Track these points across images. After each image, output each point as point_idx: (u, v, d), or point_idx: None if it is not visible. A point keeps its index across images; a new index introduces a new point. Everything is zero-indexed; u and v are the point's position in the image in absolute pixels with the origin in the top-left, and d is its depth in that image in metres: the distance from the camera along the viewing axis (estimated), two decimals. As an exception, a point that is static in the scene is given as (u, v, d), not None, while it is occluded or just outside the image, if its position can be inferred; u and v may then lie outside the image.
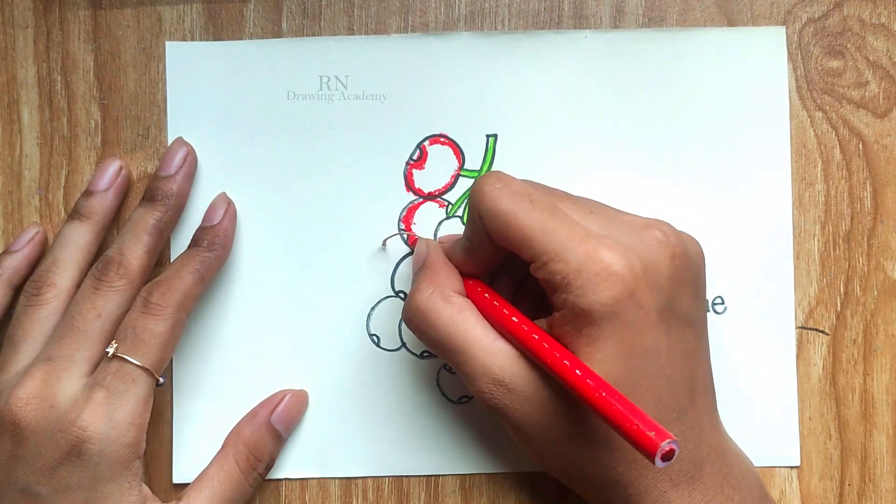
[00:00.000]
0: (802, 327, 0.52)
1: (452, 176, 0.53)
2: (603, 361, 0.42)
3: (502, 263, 0.47)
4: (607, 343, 0.42)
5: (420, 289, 0.46)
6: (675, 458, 0.38)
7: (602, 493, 0.45)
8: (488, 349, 0.44)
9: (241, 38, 0.52)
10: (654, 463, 0.37)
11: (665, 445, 0.37)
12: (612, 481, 0.44)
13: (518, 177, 0.46)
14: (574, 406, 0.43)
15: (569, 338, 0.43)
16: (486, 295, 0.46)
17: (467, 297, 0.47)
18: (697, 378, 0.45)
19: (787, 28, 0.52)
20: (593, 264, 0.41)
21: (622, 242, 0.42)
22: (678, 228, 0.45)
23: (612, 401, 0.39)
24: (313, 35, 0.53)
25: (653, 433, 0.38)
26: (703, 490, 0.44)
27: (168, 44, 0.52)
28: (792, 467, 0.52)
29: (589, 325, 0.42)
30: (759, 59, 0.52)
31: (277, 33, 0.52)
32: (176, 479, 0.52)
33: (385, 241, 0.52)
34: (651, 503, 0.43)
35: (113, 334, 0.47)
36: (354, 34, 0.52)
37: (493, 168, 0.52)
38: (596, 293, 0.41)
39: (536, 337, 0.43)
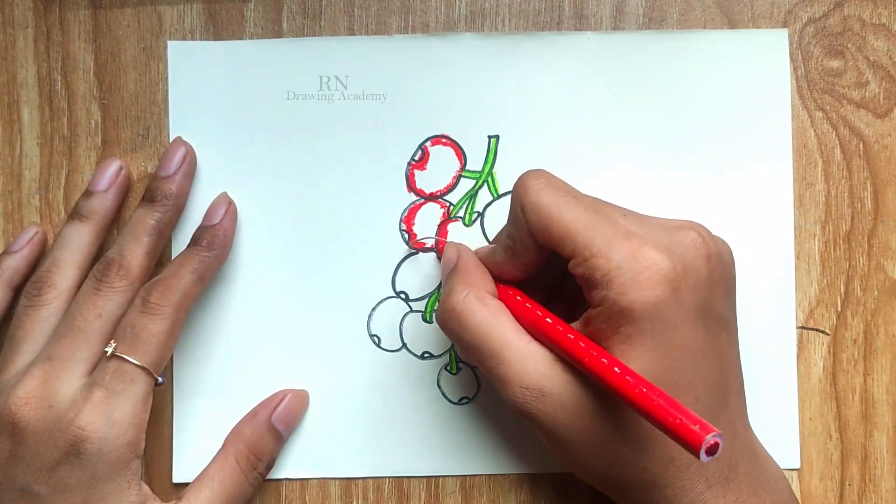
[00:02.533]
0: (803, 327, 0.52)
1: (454, 177, 0.52)
2: (640, 360, 0.41)
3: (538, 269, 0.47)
4: (645, 342, 0.41)
5: (454, 290, 0.46)
6: (719, 452, 0.37)
7: (637, 496, 0.44)
8: (523, 352, 0.44)
9: (241, 38, 0.52)
10: (698, 457, 0.37)
11: (710, 438, 0.37)
12: (647, 483, 0.43)
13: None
14: (609, 408, 0.43)
15: (604, 336, 0.42)
16: (519, 298, 0.46)
17: (500, 300, 0.46)
18: (730, 379, 0.45)
19: (787, 28, 0.52)
20: (636, 262, 0.41)
21: (663, 242, 0.42)
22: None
23: (653, 396, 0.39)
24: (314, 35, 0.53)
25: (697, 427, 0.37)
26: (738, 491, 0.44)
27: (170, 43, 0.52)
28: (792, 469, 0.52)
29: (628, 323, 0.41)
30: (762, 61, 0.52)
31: (278, 33, 0.52)
32: (176, 479, 0.52)
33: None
34: None
35: (113, 334, 0.47)
36: (355, 34, 0.53)
37: (495, 169, 0.52)
38: (638, 291, 0.41)
39: (572, 337, 0.43)
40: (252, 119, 0.52)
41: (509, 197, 0.52)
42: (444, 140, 0.52)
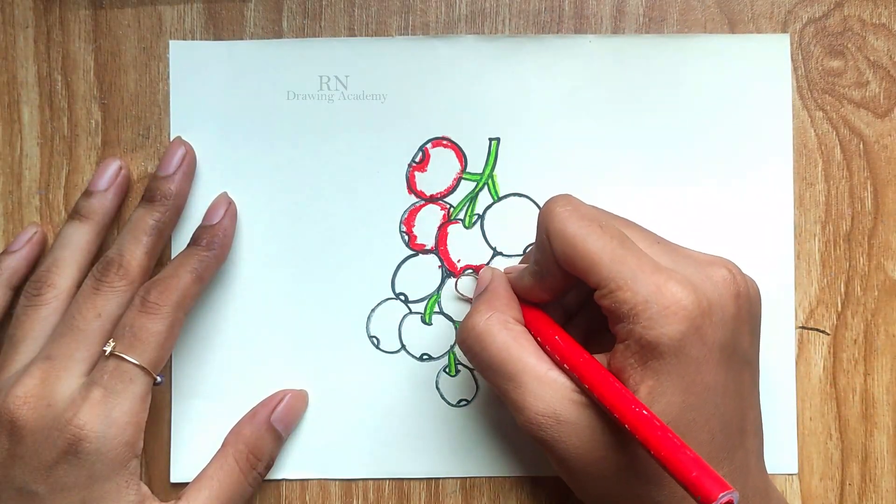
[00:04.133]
0: (803, 327, 0.52)
1: (454, 179, 0.52)
2: (663, 395, 0.41)
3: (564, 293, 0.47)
4: (670, 378, 0.41)
5: (479, 310, 0.46)
6: None
7: None
8: (542, 379, 0.44)
9: (241, 38, 0.52)
10: None
11: (724, 496, 0.36)
12: None
13: (519, 180, 0.46)
14: (625, 442, 0.42)
15: (631, 370, 0.42)
16: (544, 325, 0.46)
17: (525, 327, 0.46)
18: (748, 419, 0.44)
19: (787, 28, 0.52)
20: (662, 297, 0.41)
21: (690, 278, 0.42)
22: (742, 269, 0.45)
23: (672, 444, 0.38)
24: (314, 35, 0.53)
25: (712, 483, 0.37)
26: None
27: (172, 43, 0.52)
28: (790, 474, 0.52)
29: (654, 358, 0.41)
30: (763, 65, 0.52)
31: (278, 33, 0.53)
32: (174, 479, 0.52)
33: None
34: None
35: (112, 334, 0.47)
36: (355, 34, 0.53)
37: (495, 172, 0.52)
38: (664, 326, 0.41)
39: (596, 371, 0.42)
40: (252, 119, 0.52)
41: (510, 199, 0.52)
42: (444, 142, 0.52)
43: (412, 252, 0.52)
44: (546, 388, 0.43)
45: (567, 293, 0.47)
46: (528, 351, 0.44)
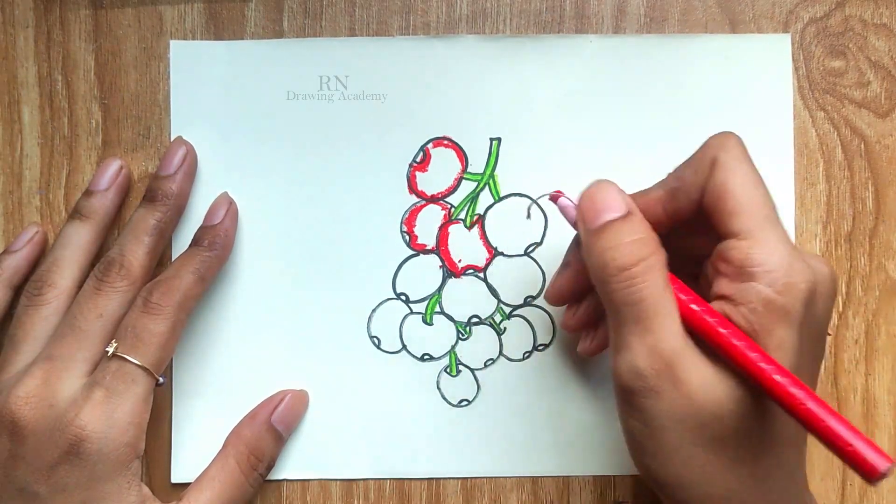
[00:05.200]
0: (804, 327, 0.52)
1: (455, 179, 0.52)
2: (783, 361, 0.39)
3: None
4: (793, 347, 0.40)
5: (631, 345, 0.41)
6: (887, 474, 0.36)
7: None
8: (672, 323, 0.41)
9: (242, 38, 0.52)
10: (871, 482, 0.36)
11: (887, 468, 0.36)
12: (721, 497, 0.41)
13: (520, 180, 0.45)
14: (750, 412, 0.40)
15: (756, 335, 0.40)
16: (680, 291, 0.42)
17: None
18: None
19: (788, 28, 0.52)
20: (798, 263, 0.40)
21: (811, 258, 0.42)
22: None
23: (830, 417, 0.37)
24: (314, 35, 0.53)
25: (875, 455, 0.36)
26: None
27: (172, 42, 0.52)
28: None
29: (782, 326, 0.40)
30: (764, 65, 0.52)
31: (278, 33, 0.52)
32: (175, 479, 0.52)
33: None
34: None
35: (114, 335, 0.47)
36: (356, 34, 0.53)
37: (496, 172, 0.52)
38: (796, 296, 0.40)
39: (742, 345, 0.40)
40: (252, 119, 0.52)
41: (511, 199, 0.52)
42: (445, 142, 0.52)
43: (413, 252, 0.52)
44: (671, 335, 0.41)
45: (679, 224, 0.44)
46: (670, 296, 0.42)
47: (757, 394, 0.40)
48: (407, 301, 0.53)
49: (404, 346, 0.52)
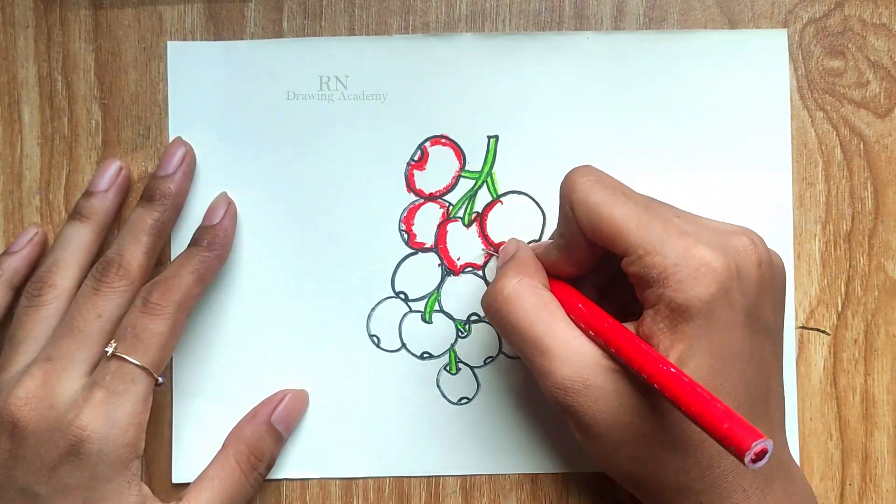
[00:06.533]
0: (803, 327, 0.52)
1: (453, 177, 0.52)
2: (693, 359, 0.41)
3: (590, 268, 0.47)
4: (699, 341, 0.41)
5: (507, 275, 0.46)
6: (766, 459, 0.36)
7: (668, 499, 0.44)
8: (570, 345, 0.43)
9: (241, 38, 0.52)
10: (744, 462, 0.36)
11: (758, 444, 0.36)
12: (682, 487, 0.43)
13: (518, 178, 0.46)
14: (651, 407, 0.42)
15: (661, 335, 0.42)
16: (571, 294, 0.46)
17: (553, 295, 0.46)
18: (772, 390, 0.45)
19: (787, 28, 0.52)
20: (692, 259, 0.41)
21: (715, 243, 0.42)
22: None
23: (704, 398, 0.38)
24: (314, 35, 0.53)
25: (745, 432, 0.36)
26: None
27: (170, 43, 0.52)
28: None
29: (684, 321, 0.41)
30: (761, 61, 0.52)
31: (278, 33, 0.52)
32: (175, 479, 0.52)
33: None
34: None
35: (113, 335, 0.47)
36: (355, 34, 0.52)
37: (494, 170, 0.52)
38: (694, 289, 0.41)
39: (623, 335, 0.42)
40: (252, 119, 0.52)
41: (509, 197, 0.52)
42: (443, 140, 0.52)
43: (412, 250, 0.53)
44: (573, 353, 0.43)
45: (592, 266, 0.47)
46: (557, 317, 0.44)
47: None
48: (406, 299, 0.53)
49: (404, 345, 0.53)
